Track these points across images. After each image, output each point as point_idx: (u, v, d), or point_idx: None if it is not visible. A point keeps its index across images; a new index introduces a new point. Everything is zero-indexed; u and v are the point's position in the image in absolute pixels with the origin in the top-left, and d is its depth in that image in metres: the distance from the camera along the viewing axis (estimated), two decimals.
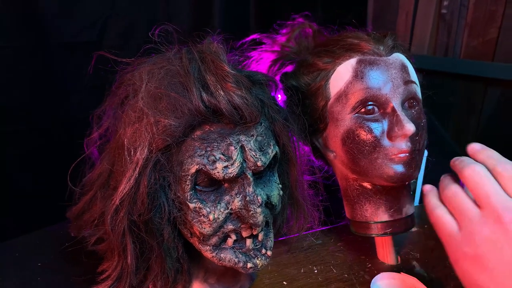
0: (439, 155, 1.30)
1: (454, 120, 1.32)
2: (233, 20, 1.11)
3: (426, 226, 0.72)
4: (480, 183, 0.38)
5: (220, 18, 1.08)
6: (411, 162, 0.54)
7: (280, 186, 0.52)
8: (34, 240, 0.70)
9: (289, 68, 0.68)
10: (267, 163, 0.48)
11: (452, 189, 0.40)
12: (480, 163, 0.40)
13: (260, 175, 0.50)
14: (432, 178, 0.93)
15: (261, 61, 0.74)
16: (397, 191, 0.58)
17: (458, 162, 0.41)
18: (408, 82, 0.55)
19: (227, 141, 0.45)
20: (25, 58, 0.85)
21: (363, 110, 0.55)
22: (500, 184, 0.37)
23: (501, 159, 0.40)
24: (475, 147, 0.41)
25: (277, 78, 0.69)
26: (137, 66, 0.49)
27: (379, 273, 0.57)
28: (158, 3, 1.00)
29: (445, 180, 0.42)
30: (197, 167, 0.44)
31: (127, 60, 0.49)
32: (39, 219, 0.75)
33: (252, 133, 0.47)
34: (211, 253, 0.48)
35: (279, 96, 0.66)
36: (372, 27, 1.51)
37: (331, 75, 0.58)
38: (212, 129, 0.45)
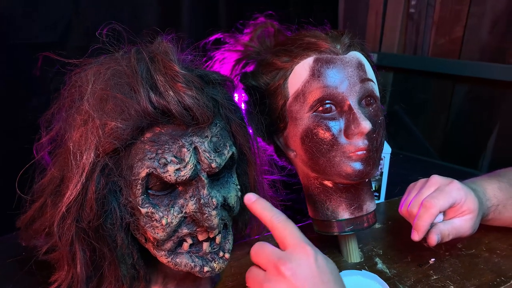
0: (410, 151, 1.33)
1: (424, 117, 1.35)
2: (202, 19, 1.10)
3: (390, 222, 0.73)
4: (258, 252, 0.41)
5: (188, 17, 1.07)
6: (369, 159, 0.54)
7: (239, 187, 0.51)
8: None
9: (251, 68, 0.68)
10: (223, 164, 0.47)
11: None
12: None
13: (217, 177, 0.49)
14: (402, 173, 0.94)
15: (225, 60, 0.73)
16: (357, 188, 0.58)
17: None
18: (364, 80, 0.55)
19: (179, 143, 0.44)
20: None
21: (320, 108, 0.54)
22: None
23: (274, 210, 0.42)
24: (250, 198, 0.43)
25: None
26: (84, 67, 0.47)
27: (341, 271, 0.57)
28: (123, 2, 0.98)
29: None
30: (147, 170, 0.43)
31: (74, 61, 0.48)
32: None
33: (206, 134, 0.46)
34: (167, 258, 0.47)
35: (243, 95, 0.66)
36: (343, 27, 1.53)
37: (289, 74, 0.58)
38: (163, 131, 0.44)
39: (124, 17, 0.98)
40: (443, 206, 0.54)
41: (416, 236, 0.54)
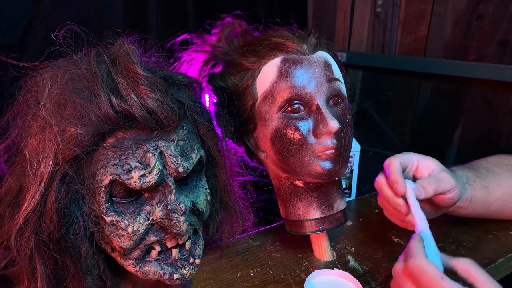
0: (379, 147, 1.36)
1: (392, 113, 1.38)
2: (170, 18, 1.08)
3: (361, 219, 0.74)
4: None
5: (156, 17, 1.04)
6: (338, 158, 0.54)
7: (208, 191, 0.50)
8: None
9: (220, 69, 0.67)
10: (191, 168, 0.46)
11: None
12: None
13: (185, 181, 0.48)
14: (372, 170, 0.96)
15: (193, 61, 0.72)
16: (327, 187, 0.58)
17: None
18: (331, 79, 0.56)
19: (143, 148, 0.43)
20: None
21: (289, 109, 0.54)
22: None
23: None
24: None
25: None
26: (41, 71, 0.45)
27: (313, 270, 0.57)
28: (89, 4, 0.94)
29: None
30: (110, 177, 0.42)
31: (29, 65, 0.45)
32: None
33: (172, 138, 0.45)
34: (134, 267, 0.46)
35: (213, 98, 0.65)
36: (312, 26, 1.54)
37: (257, 74, 0.57)
38: (126, 136, 0.43)
39: (88, 17, 0.95)
40: (401, 157, 0.54)
41: (400, 188, 0.50)
